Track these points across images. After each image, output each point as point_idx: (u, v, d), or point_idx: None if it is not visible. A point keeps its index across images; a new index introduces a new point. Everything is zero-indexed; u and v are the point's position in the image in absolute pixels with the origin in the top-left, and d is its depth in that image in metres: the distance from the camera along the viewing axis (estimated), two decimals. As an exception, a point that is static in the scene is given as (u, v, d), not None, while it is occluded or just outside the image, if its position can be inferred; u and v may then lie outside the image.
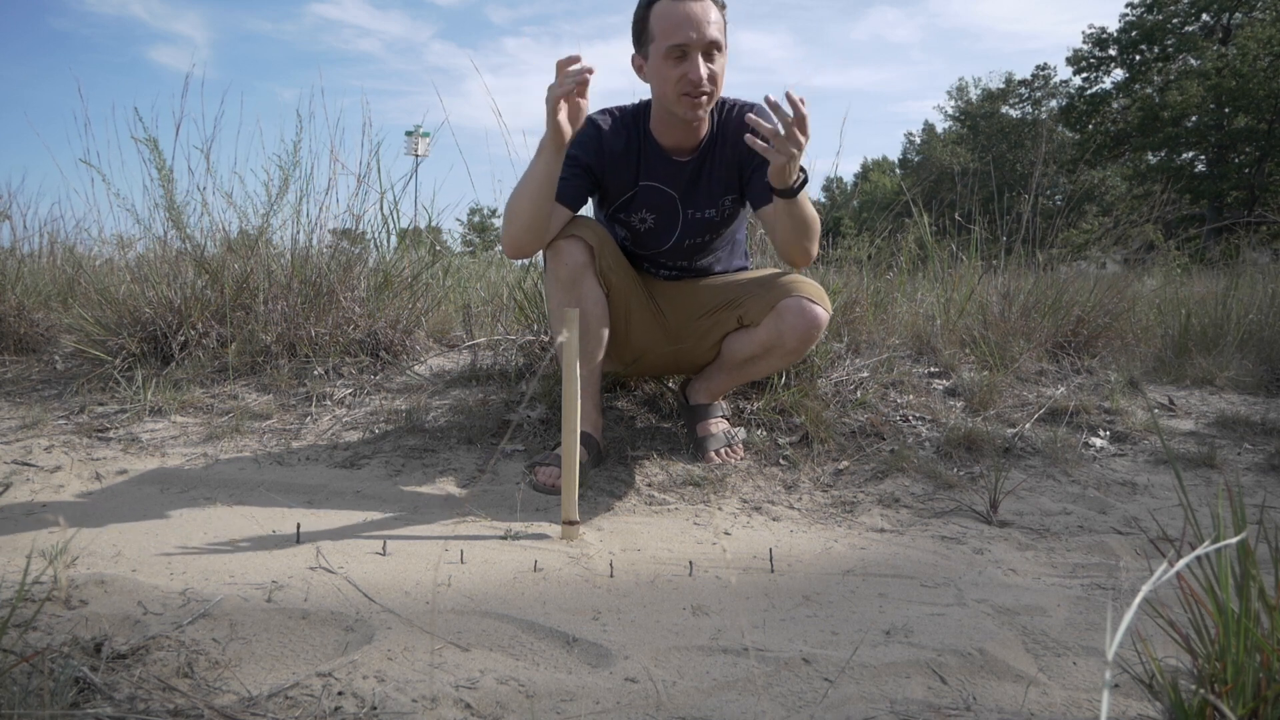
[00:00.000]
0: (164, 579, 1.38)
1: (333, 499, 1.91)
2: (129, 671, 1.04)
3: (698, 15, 1.89)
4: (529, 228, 1.93)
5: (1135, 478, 2.15)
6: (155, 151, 2.84)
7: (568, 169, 1.97)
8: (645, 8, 1.95)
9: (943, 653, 1.18)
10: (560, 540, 1.67)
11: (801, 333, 2.04)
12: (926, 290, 3.48)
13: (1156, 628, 0.97)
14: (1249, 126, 23.82)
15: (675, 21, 1.89)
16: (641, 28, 1.97)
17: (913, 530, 1.82)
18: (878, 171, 44.02)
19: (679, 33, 1.89)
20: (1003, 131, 33.33)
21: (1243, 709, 0.82)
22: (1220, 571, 0.87)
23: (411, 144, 8.72)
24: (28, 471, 2.02)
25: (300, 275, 2.83)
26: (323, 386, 2.55)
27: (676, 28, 1.89)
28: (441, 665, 1.11)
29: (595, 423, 2.15)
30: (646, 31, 1.95)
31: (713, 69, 1.93)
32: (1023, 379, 2.79)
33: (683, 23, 1.89)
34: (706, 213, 2.12)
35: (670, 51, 1.91)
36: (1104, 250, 4.26)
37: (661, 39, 1.92)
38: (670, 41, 1.90)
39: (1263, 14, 24.37)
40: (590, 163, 2.03)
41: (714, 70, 1.93)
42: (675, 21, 1.89)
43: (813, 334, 2.06)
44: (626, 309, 2.15)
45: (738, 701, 1.04)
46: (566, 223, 2.02)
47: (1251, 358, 3.09)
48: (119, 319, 2.74)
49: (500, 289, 3.54)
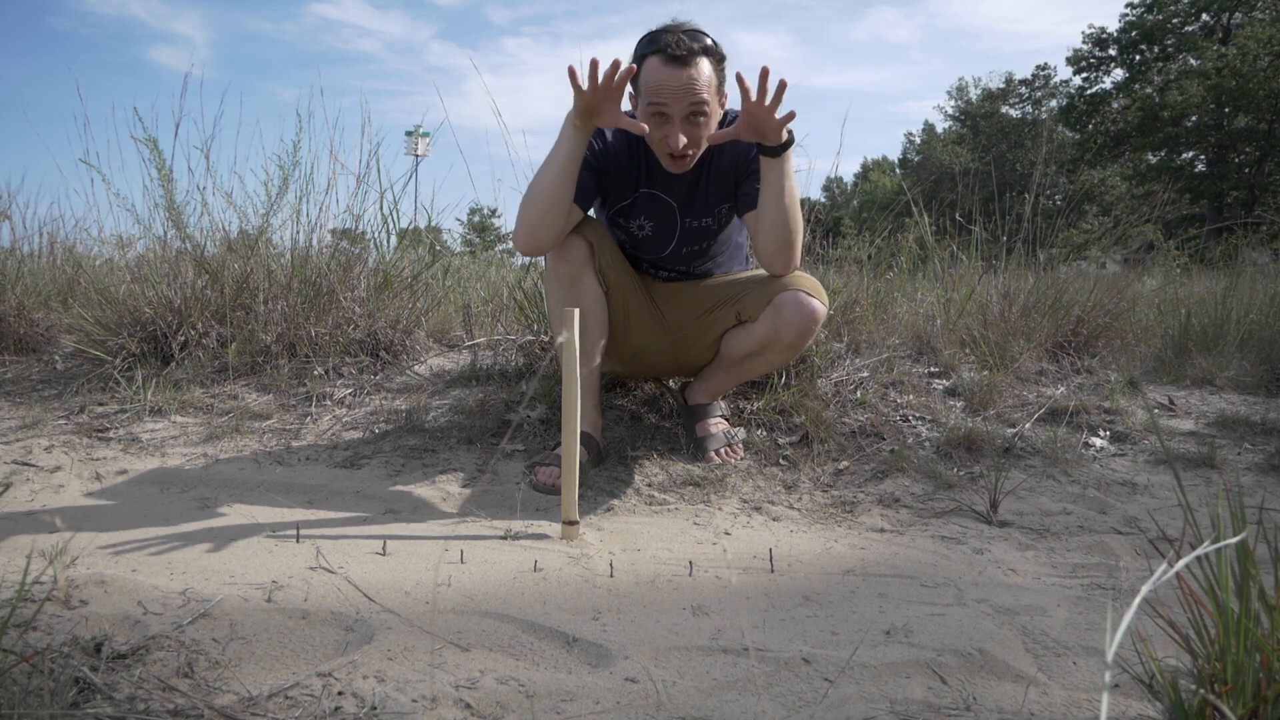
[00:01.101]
0: (164, 579, 1.38)
1: (333, 499, 1.91)
2: (129, 671, 1.04)
3: (682, 83, 1.86)
4: (547, 215, 1.90)
5: (1135, 478, 2.15)
6: (155, 151, 2.84)
7: (581, 171, 1.97)
8: (641, 57, 1.91)
9: (943, 653, 1.18)
10: (560, 540, 1.67)
11: (799, 327, 2.04)
12: (926, 290, 3.48)
13: (1156, 628, 0.97)
14: (1249, 126, 23.83)
15: (659, 86, 1.87)
16: (636, 73, 1.93)
17: (913, 530, 1.82)
18: (878, 171, 44.03)
19: (660, 99, 1.88)
20: (1003, 131, 33.34)
21: (1243, 709, 0.82)
22: (1220, 572, 0.87)
23: (411, 144, 8.73)
24: (28, 471, 2.02)
25: (300, 275, 2.83)
26: (323, 386, 2.55)
27: (659, 93, 1.87)
28: (441, 665, 1.11)
29: (595, 423, 2.15)
30: (637, 82, 1.93)
31: (695, 133, 1.92)
32: (1023, 379, 2.79)
33: (665, 90, 1.87)
34: (704, 221, 2.12)
35: (653, 113, 1.90)
36: (1104, 250, 4.26)
37: (645, 96, 1.91)
38: (652, 105, 1.89)
39: (1263, 14, 24.37)
40: (596, 165, 2.03)
41: (696, 134, 1.92)
42: (659, 86, 1.87)
43: (810, 328, 2.05)
44: (626, 308, 2.15)
45: (738, 701, 1.04)
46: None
47: (1251, 358, 3.09)
48: (119, 319, 2.74)
49: (500, 289, 3.55)
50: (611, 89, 1.78)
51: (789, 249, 1.99)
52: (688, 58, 1.86)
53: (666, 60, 1.86)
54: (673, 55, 1.85)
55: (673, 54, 1.85)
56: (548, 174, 1.90)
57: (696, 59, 1.86)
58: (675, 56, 1.85)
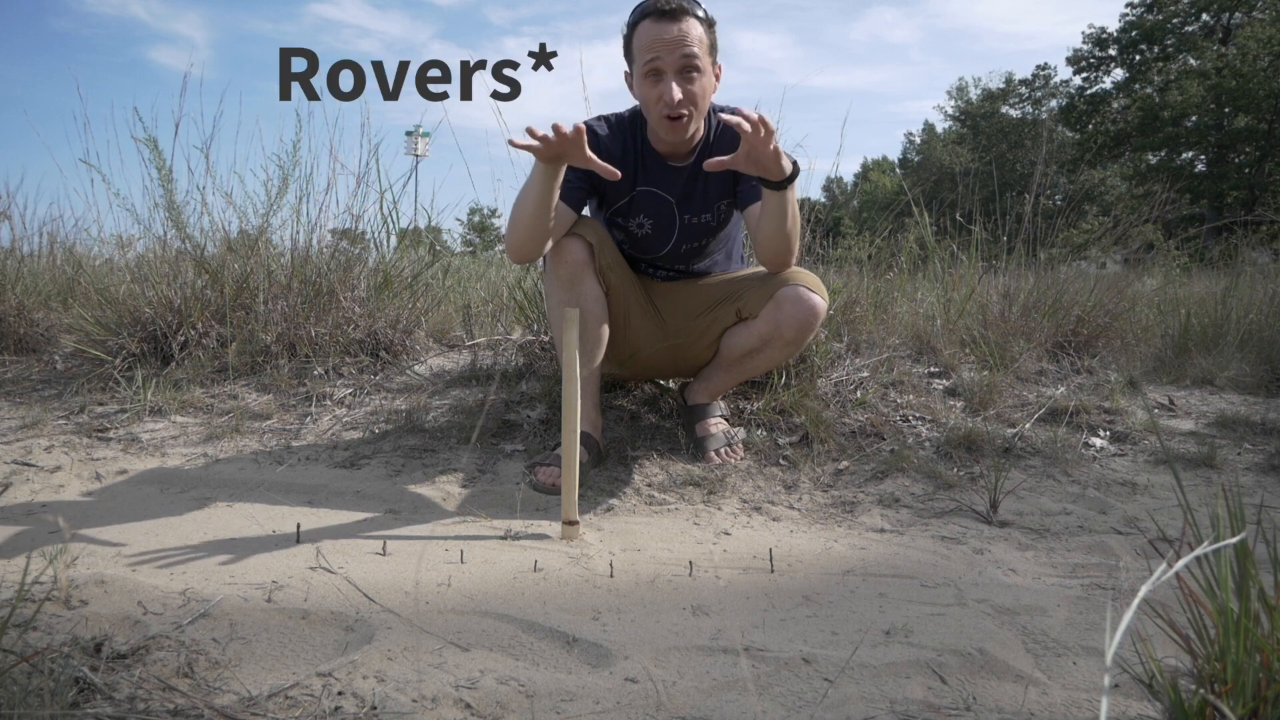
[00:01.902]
0: (164, 579, 1.38)
1: (333, 499, 1.91)
2: (129, 671, 1.04)
3: (674, 36, 1.90)
4: (530, 237, 1.92)
5: (1135, 478, 2.15)
6: (155, 151, 2.85)
7: (570, 172, 1.98)
8: (631, 26, 1.97)
9: (943, 653, 1.18)
10: (560, 540, 1.67)
11: (800, 322, 2.04)
12: (926, 290, 3.48)
13: (1156, 628, 0.97)
14: (1249, 126, 23.83)
15: (651, 42, 1.91)
16: (627, 45, 1.98)
17: (913, 530, 1.82)
18: (878, 171, 44.03)
19: (653, 53, 1.91)
20: (1003, 131, 33.33)
21: (1243, 709, 0.82)
22: (1220, 572, 0.87)
23: (411, 144, 8.74)
24: (28, 471, 2.02)
25: (300, 275, 2.83)
26: (323, 386, 2.55)
27: (651, 48, 1.91)
28: (441, 665, 1.11)
29: (595, 423, 2.15)
30: (630, 49, 1.97)
31: (690, 89, 1.93)
32: (1023, 379, 2.78)
33: (657, 44, 1.90)
34: (703, 217, 2.12)
35: (647, 72, 1.92)
36: (1104, 250, 4.26)
37: (639, 58, 1.94)
38: (646, 62, 1.92)
39: (1263, 14, 24.37)
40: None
41: (691, 90, 1.93)
42: (651, 42, 1.91)
43: (811, 323, 2.05)
44: (625, 308, 2.15)
45: (737, 701, 1.04)
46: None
47: (1251, 358, 3.09)
48: (119, 319, 2.74)
49: (500, 289, 3.55)
50: (568, 139, 1.72)
51: (788, 254, 2.02)
52: (677, 13, 1.90)
53: (657, 17, 1.91)
54: (662, 11, 1.90)
55: (662, 9, 1.90)
56: (523, 207, 1.89)
57: (686, 16, 1.91)
58: (665, 12, 1.90)
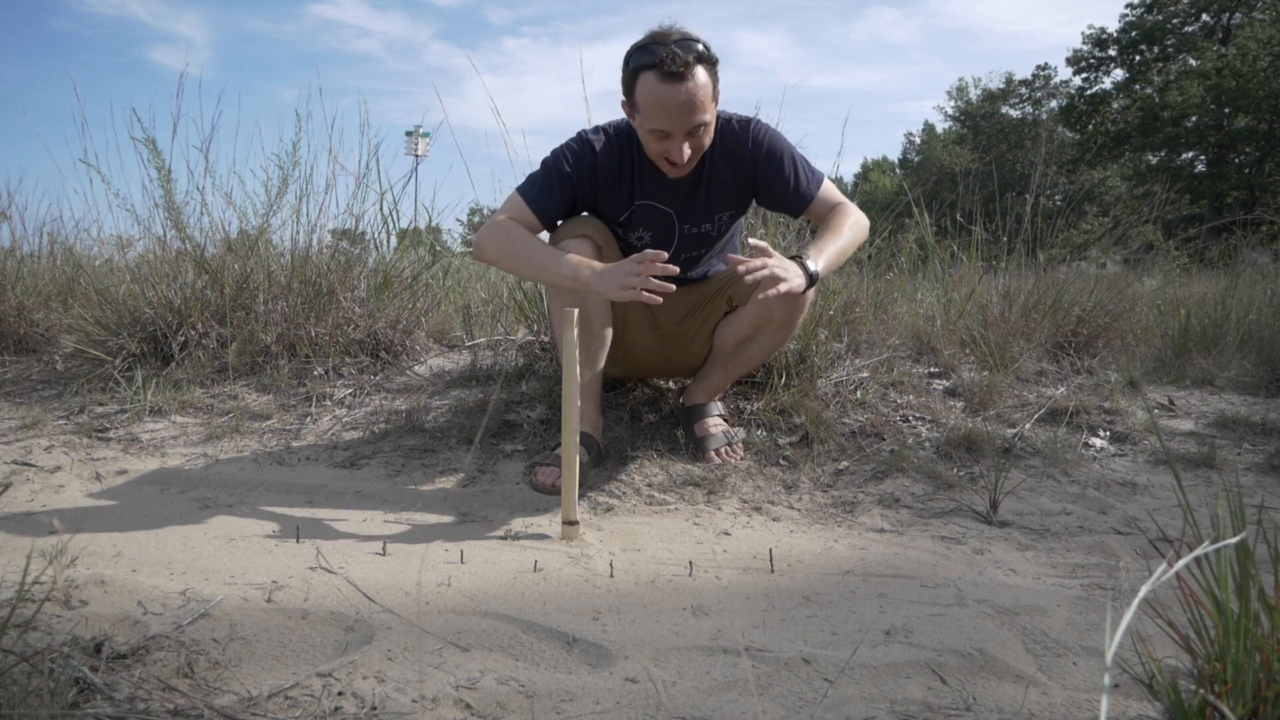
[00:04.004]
0: (164, 579, 1.38)
1: (333, 499, 1.91)
2: (129, 671, 1.04)
3: (682, 101, 1.80)
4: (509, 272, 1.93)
5: (1135, 478, 2.15)
6: (154, 151, 2.85)
7: (557, 186, 1.96)
8: (633, 73, 1.84)
9: (943, 653, 1.18)
10: (560, 540, 1.67)
11: (788, 301, 2.00)
12: (927, 290, 3.48)
13: (1156, 628, 0.97)
14: (1249, 126, 23.83)
15: (660, 108, 1.81)
16: (628, 89, 1.88)
17: (913, 530, 1.82)
18: (878, 172, 43.98)
19: (662, 121, 1.83)
20: (1003, 132, 33.32)
21: (1243, 709, 0.82)
22: (1220, 572, 0.87)
23: (411, 144, 8.73)
24: (28, 471, 2.02)
25: (300, 275, 2.83)
26: (323, 386, 2.55)
27: (661, 115, 1.82)
28: (441, 665, 1.11)
29: (595, 423, 2.15)
30: (633, 97, 1.87)
31: (698, 143, 1.90)
32: (1023, 379, 2.78)
33: (667, 112, 1.81)
34: (703, 227, 2.11)
35: (653, 130, 1.86)
36: (1104, 250, 4.26)
37: (645, 117, 1.85)
38: (653, 126, 1.85)
39: (1263, 14, 24.36)
40: (581, 188, 1.99)
41: (699, 143, 1.90)
42: (660, 108, 1.81)
43: (799, 302, 2.03)
44: (625, 309, 2.15)
45: (737, 702, 1.04)
46: (565, 224, 2.03)
47: (1251, 358, 3.09)
48: (119, 319, 2.74)
49: (500, 289, 3.55)
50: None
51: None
52: (684, 72, 1.79)
53: (663, 77, 1.79)
54: (669, 72, 1.78)
55: (669, 70, 1.78)
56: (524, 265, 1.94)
57: (693, 71, 1.81)
58: (672, 73, 1.78)
